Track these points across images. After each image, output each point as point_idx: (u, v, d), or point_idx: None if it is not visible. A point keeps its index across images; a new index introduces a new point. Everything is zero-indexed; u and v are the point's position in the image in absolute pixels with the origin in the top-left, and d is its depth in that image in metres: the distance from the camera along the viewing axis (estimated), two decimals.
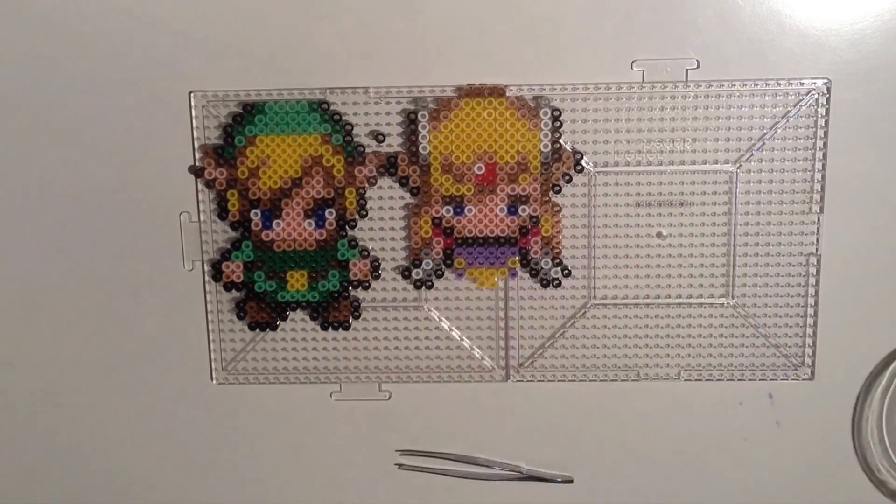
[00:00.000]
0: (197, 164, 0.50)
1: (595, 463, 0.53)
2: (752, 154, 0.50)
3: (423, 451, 0.53)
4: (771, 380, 0.52)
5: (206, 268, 0.52)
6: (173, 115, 0.50)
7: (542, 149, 0.49)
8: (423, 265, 0.51)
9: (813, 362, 0.51)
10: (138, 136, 0.50)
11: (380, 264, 0.51)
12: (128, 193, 0.51)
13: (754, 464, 0.53)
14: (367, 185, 0.50)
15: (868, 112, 0.49)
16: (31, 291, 0.52)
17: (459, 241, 0.50)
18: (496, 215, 0.50)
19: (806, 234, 0.50)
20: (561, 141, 0.49)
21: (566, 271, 0.51)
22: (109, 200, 0.51)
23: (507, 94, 0.49)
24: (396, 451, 0.53)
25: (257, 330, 0.52)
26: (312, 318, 0.52)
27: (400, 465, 0.53)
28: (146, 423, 0.54)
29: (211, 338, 0.52)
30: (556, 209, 0.50)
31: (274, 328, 0.52)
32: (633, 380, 0.52)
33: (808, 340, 0.51)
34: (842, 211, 0.50)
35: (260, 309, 0.52)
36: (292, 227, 0.50)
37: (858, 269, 0.51)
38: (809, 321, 0.51)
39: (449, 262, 0.50)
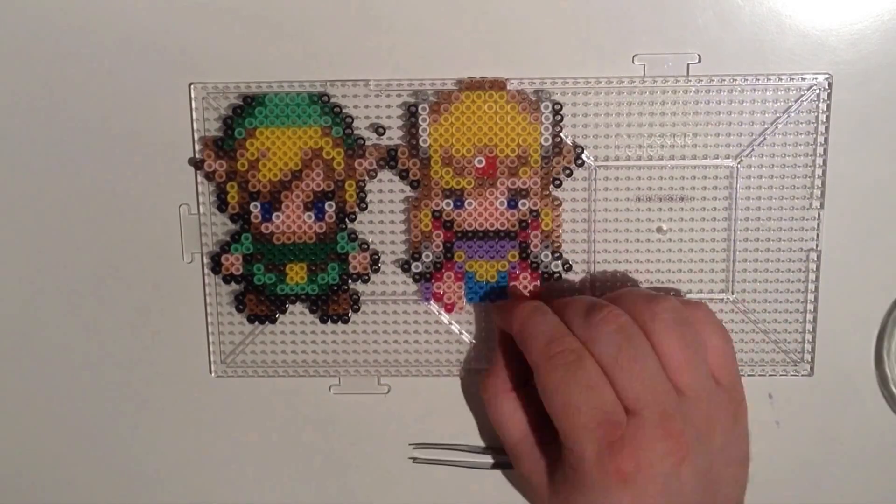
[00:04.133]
0: (196, 156, 0.50)
1: None
2: (752, 149, 0.49)
3: (436, 443, 0.52)
4: (770, 375, 0.52)
5: (205, 260, 0.51)
6: (173, 107, 0.50)
7: (543, 142, 0.49)
8: (423, 258, 0.50)
9: (812, 358, 0.51)
10: (138, 128, 0.50)
11: (379, 257, 0.51)
12: (127, 185, 0.51)
13: (753, 462, 0.53)
14: (367, 178, 0.50)
15: (868, 112, 0.49)
16: (29, 284, 0.52)
17: (459, 235, 0.50)
18: (496, 209, 0.50)
19: (806, 230, 0.50)
20: (562, 135, 0.49)
21: (567, 265, 0.51)
22: (108, 193, 0.51)
23: (508, 88, 0.49)
24: (410, 444, 0.53)
25: (256, 323, 0.52)
26: (312, 312, 0.52)
27: (414, 459, 0.53)
28: (144, 416, 0.53)
29: (210, 330, 0.52)
30: (556, 203, 0.50)
31: (273, 321, 0.52)
32: None
33: (808, 336, 0.51)
34: (842, 207, 0.50)
35: (259, 302, 0.51)
36: (292, 220, 0.50)
37: (858, 265, 0.50)
38: (809, 317, 0.51)
39: (449, 255, 0.50)
